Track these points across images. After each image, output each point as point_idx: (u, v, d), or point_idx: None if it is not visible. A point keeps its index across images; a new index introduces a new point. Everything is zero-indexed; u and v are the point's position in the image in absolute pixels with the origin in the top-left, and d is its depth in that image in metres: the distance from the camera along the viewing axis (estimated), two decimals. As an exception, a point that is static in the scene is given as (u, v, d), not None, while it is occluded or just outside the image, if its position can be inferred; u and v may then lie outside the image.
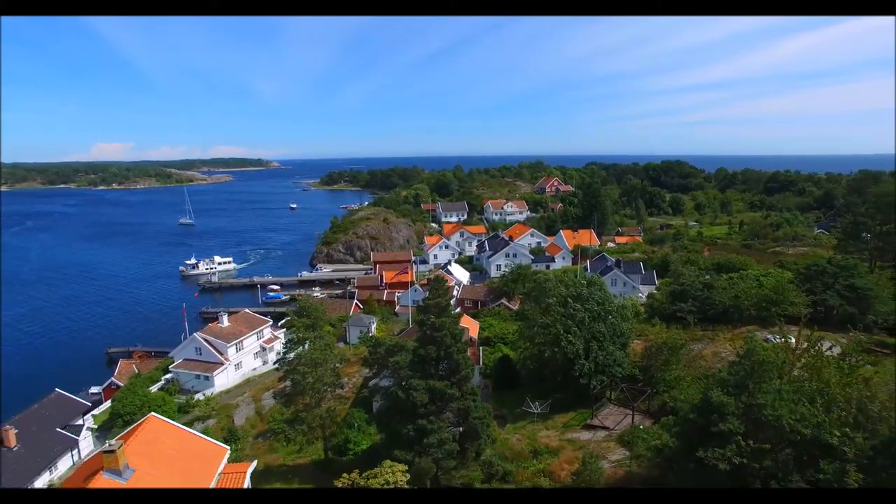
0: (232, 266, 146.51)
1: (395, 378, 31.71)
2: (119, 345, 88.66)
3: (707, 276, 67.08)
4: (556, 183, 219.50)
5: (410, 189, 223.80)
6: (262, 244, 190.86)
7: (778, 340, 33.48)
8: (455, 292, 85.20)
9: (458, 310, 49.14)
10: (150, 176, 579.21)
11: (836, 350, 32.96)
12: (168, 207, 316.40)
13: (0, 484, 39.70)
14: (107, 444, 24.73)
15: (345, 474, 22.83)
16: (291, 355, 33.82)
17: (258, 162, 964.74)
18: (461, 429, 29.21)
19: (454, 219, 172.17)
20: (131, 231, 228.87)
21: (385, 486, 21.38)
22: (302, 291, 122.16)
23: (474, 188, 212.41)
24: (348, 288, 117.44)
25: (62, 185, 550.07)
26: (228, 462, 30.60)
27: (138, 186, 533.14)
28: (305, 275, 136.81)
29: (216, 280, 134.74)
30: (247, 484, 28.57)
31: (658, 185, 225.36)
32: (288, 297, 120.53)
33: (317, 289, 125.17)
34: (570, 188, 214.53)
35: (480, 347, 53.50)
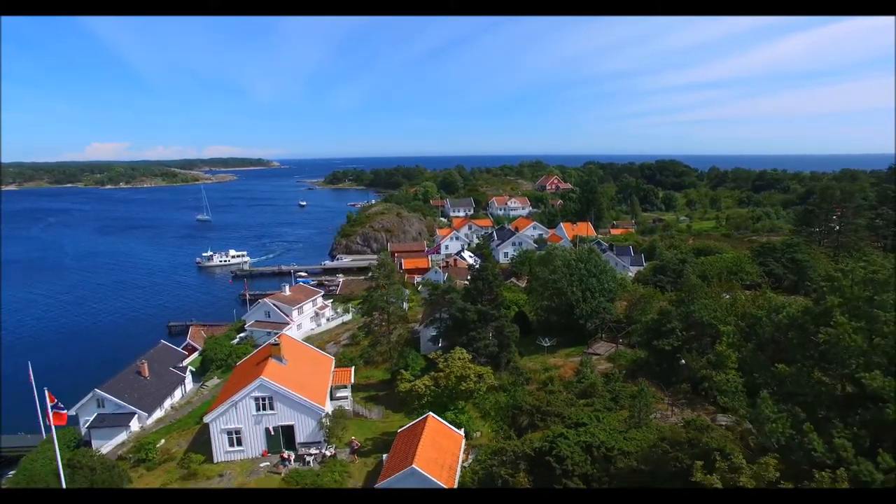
0: (246, 259, 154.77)
1: (451, 308, 44.86)
2: (176, 320, 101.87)
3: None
4: (555, 181, 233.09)
5: (419, 186, 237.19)
6: (280, 237, 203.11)
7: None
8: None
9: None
10: (155, 175, 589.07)
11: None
12: (178, 205, 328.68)
13: (145, 403, 52.97)
14: (272, 339, 38.04)
15: (431, 353, 35.50)
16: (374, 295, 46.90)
17: (259, 161, 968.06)
18: (497, 341, 42.43)
19: (461, 213, 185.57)
20: (151, 226, 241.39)
21: (460, 360, 34.58)
22: (327, 277, 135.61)
23: (479, 186, 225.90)
24: (369, 273, 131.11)
25: (68, 185, 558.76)
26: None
27: (144, 185, 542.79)
28: (328, 263, 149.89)
29: (247, 268, 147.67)
30: (352, 378, 41.90)
31: (653, 183, 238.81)
32: (315, 282, 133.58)
33: (340, 275, 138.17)
34: (569, 186, 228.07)
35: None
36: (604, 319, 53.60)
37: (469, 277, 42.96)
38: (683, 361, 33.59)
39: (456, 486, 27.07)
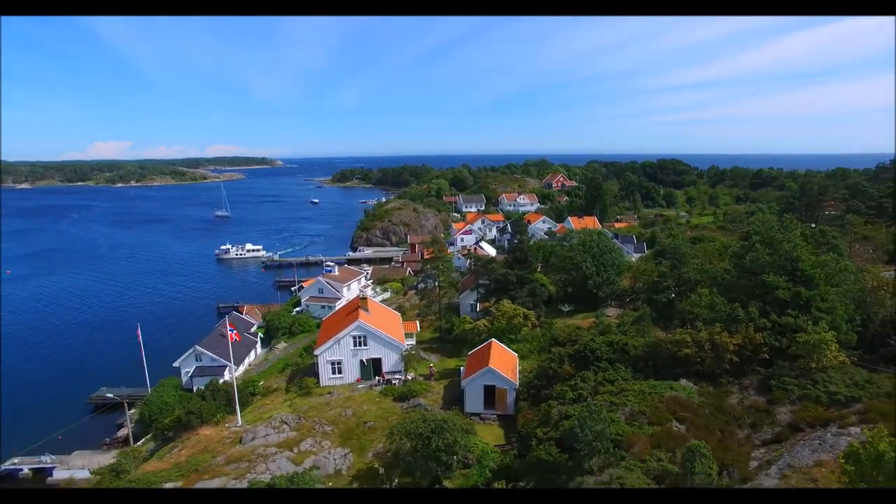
0: (262, 253, 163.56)
1: (493, 274, 56.00)
2: (224, 301, 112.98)
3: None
4: (561, 179, 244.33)
5: (431, 184, 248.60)
6: (301, 232, 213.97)
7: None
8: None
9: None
10: (164, 174, 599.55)
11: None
12: (192, 202, 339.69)
13: (233, 358, 64.18)
14: (359, 293, 49.25)
15: (483, 302, 46.60)
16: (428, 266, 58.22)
17: (263, 160, 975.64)
18: (530, 300, 53.63)
19: (473, 209, 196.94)
20: (171, 221, 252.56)
21: (509, 305, 45.87)
22: (352, 267, 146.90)
23: (488, 183, 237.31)
24: (392, 263, 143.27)
25: (79, 183, 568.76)
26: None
27: (154, 184, 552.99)
28: (351, 255, 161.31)
29: (276, 259, 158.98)
30: (418, 327, 53.19)
31: (654, 181, 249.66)
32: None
33: (365, 265, 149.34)
34: (574, 183, 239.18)
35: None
36: (613, 289, 64.81)
37: (507, 249, 54.37)
38: (674, 296, 44.81)
39: (517, 383, 38.28)
